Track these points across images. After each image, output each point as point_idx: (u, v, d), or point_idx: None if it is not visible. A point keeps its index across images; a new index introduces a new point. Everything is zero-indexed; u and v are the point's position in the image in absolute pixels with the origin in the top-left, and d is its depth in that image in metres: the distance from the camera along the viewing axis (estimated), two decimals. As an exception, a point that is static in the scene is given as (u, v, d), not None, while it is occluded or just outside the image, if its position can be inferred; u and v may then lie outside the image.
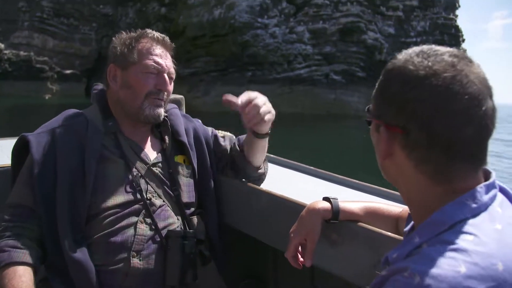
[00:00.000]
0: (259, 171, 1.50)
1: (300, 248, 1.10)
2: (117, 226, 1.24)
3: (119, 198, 1.26)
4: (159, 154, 1.38)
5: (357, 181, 1.58)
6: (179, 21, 36.10)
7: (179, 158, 1.41)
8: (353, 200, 1.18)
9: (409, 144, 0.67)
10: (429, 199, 0.67)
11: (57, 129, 1.30)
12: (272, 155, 1.94)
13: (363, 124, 0.80)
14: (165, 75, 1.34)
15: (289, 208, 1.29)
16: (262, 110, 1.27)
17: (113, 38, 1.39)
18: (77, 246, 1.19)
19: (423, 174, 0.67)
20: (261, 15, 33.87)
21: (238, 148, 1.48)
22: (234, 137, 1.62)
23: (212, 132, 1.54)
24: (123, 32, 1.40)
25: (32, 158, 1.25)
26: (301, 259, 1.10)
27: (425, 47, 0.70)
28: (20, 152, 1.32)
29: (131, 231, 1.24)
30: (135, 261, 1.23)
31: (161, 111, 1.36)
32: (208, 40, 33.95)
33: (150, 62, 1.31)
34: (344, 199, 1.14)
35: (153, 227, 1.27)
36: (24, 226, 1.21)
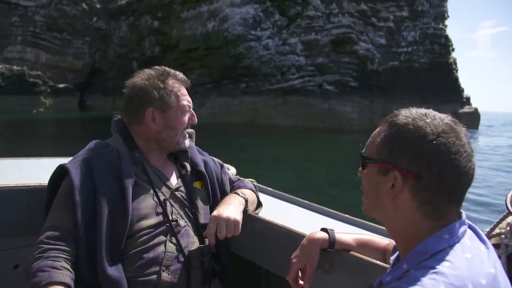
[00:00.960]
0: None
1: (299, 273, 1.25)
2: (149, 244, 1.39)
3: (152, 220, 1.42)
4: (179, 179, 1.56)
5: (346, 215, 1.72)
6: (172, 34, 36.35)
7: (197, 184, 1.59)
8: (347, 232, 1.34)
9: (419, 187, 0.82)
10: (418, 233, 0.84)
11: (90, 158, 1.42)
12: (268, 188, 2.09)
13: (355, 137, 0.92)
14: (192, 110, 1.55)
15: (285, 236, 1.44)
16: (225, 230, 1.43)
17: (136, 79, 1.50)
18: (113, 263, 1.32)
19: (423, 213, 0.83)
20: (254, 28, 34.23)
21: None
22: (235, 172, 1.87)
23: (219, 164, 1.72)
24: (142, 71, 1.53)
25: (72, 184, 1.35)
26: (301, 282, 1.23)
27: (426, 110, 0.87)
28: (55, 181, 1.43)
29: (161, 248, 1.41)
30: (164, 275, 1.39)
31: (188, 141, 1.57)
32: (202, 53, 34.22)
33: (185, 103, 1.51)
34: (338, 231, 1.29)
35: (179, 245, 1.44)
36: (62, 248, 1.30)
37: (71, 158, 1.46)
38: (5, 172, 1.94)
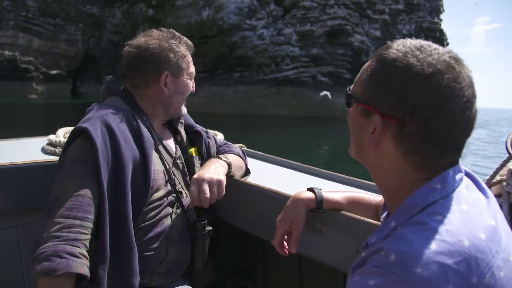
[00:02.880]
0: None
1: (286, 236, 1.18)
2: (158, 217, 1.32)
3: (161, 191, 1.34)
4: (177, 146, 1.49)
5: (338, 174, 1.66)
6: (166, 22, 35.99)
7: (192, 151, 1.53)
8: (336, 190, 1.25)
9: (402, 135, 0.71)
10: (405, 186, 0.74)
11: (108, 118, 1.25)
12: (257, 152, 2.04)
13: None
14: None
15: (275, 200, 1.36)
16: (209, 193, 1.35)
17: (147, 39, 1.39)
18: (130, 235, 1.22)
19: (408, 164, 0.72)
20: (249, 17, 33.97)
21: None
22: (223, 138, 1.78)
23: (203, 130, 1.64)
24: (150, 32, 1.43)
25: (94, 147, 1.17)
26: (287, 246, 1.17)
27: (423, 42, 0.75)
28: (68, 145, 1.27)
29: (168, 221, 1.35)
30: (170, 249, 1.34)
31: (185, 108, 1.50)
32: (196, 41, 33.12)
33: (193, 70, 1.46)
34: (326, 190, 1.20)
35: (184, 217, 1.39)
36: (83, 224, 1.12)
37: (81, 121, 1.26)
38: None
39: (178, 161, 1.44)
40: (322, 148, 17.07)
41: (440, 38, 38.85)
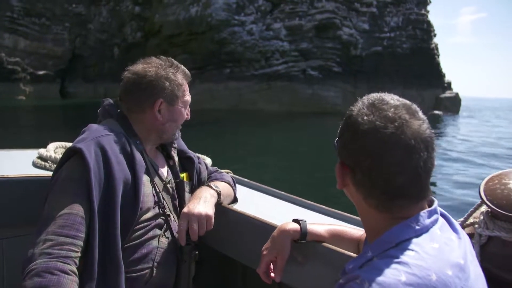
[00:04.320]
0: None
1: (271, 265, 1.22)
2: (144, 238, 1.34)
3: (150, 213, 1.37)
4: (168, 170, 1.52)
5: (323, 206, 1.68)
6: (155, 20, 35.76)
7: (184, 176, 1.55)
8: (320, 222, 1.30)
9: (356, 182, 0.81)
10: (377, 223, 0.82)
11: (103, 140, 1.29)
12: (245, 179, 2.02)
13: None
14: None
15: (260, 228, 1.40)
16: (197, 227, 1.37)
17: (145, 66, 1.43)
18: (118, 254, 1.24)
19: (370, 206, 0.82)
20: (238, 13, 33.90)
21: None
22: (211, 163, 1.82)
23: (195, 155, 1.66)
24: (149, 59, 1.46)
25: (87, 166, 1.21)
26: (272, 274, 1.21)
27: (377, 99, 0.82)
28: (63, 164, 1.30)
29: (154, 243, 1.37)
30: (156, 271, 1.35)
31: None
32: (185, 38, 33.75)
33: (188, 99, 1.50)
34: (311, 222, 1.25)
35: (170, 240, 1.41)
36: (74, 242, 1.15)
37: (76, 141, 1.31)
38: None
39: (168, 185, 1.47)
40: (312, 142, 17.15)
41: (427, 30, 39.12)
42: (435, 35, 40.34)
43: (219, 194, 1.51)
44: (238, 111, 29.10)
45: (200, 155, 1.77)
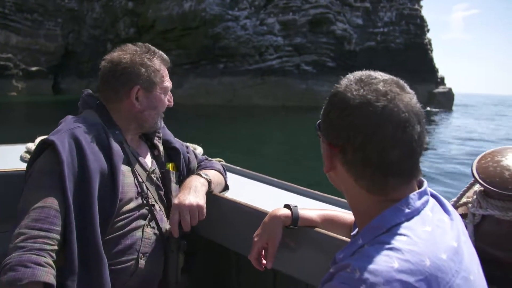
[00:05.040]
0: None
1: (262, 251, 1.21)
2: (127, 228, 1.32)
3: (132, 204, 1.34)
4: (153, 161, 1.48)
5: (315, 191, 1.67)
6: (148, 15, 35.57)
7: (169, 166, 1.52)
8: (312, 208, 1.28)
9: (347, 162, 0.77)
10: (369, 207, 0.79)
11: (77, 131, 1.28)
12: (236, 167, 2.00)
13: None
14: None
15: (252, 215, 1.38)
16: (189, 218, 1.36)
17: (120, 53, 1.41)
18: (98, 247, 1.22)
19: (361, 187, 0.78)
20: (232, 8, 33.83)
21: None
22: (202, 152, 1.78)
23: (183, 145, 1.63)
24: (124, 46, 1.44)
25: (59, 159, 1.19)
26: (264, 261, 1.20)
27: (364, 74, 0.80)
28: (37, 157, 1.28)
29: (139, 234, 1.34)
30: (142, 262, 1.33)
31: (162, 121, 1.50)
32: (178, 33, 33.63)
33: (168, 84, 1.45)
34: (303, 207, 1.23)
35: (156, 230, 1.39)
36: (48, 235, 1.14)
37: (51, 133, 1.29)
38: None
39: (152, 175, 1.43)
40: (304, 135, 17.23)
41: (420, 25, 39.27)
42: (428, 30, 40.51)
43: (209, 183, 1.49)
44: (232, 106, 29.12)
45: (190, 144, 1.75)
